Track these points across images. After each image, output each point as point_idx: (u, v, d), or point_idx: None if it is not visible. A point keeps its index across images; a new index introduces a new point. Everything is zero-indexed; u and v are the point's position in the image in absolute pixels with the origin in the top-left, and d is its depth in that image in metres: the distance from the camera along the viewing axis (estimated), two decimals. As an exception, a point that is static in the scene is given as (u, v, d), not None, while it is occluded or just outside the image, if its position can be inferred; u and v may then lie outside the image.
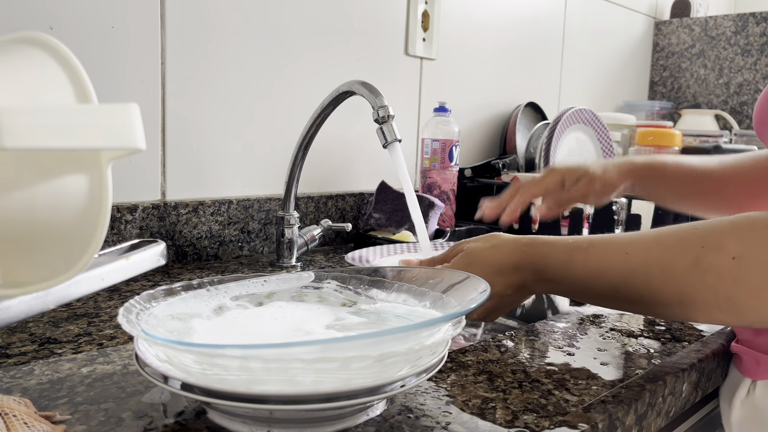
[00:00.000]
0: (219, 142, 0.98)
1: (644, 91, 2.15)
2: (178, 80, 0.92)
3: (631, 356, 0.60)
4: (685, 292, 0.48)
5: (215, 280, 0.54)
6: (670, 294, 0.49)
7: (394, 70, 1.25)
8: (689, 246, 0.48)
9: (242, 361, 0.38)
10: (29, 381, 0.48)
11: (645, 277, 0.50)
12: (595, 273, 0.54)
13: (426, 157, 1.23)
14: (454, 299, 0.49)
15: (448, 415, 0.45)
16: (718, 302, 0.47)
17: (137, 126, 0.34)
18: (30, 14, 0.78)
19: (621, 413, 0.48)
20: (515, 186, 0.81)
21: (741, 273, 0.45)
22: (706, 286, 0.47)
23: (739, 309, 0.46)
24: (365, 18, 1.18)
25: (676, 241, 0.49)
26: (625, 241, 0.53)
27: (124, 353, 0.55)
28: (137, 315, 0.44)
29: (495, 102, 1.53)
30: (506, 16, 1.52)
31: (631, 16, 2.01)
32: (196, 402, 0.45)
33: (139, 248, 0.62)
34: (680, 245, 0.49)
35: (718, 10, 2.42)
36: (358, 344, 0.40)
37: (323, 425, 0.42)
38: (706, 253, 0.47)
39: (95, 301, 0.71)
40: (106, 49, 0.85)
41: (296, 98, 1.07)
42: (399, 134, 0.80)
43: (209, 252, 0.96)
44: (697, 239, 0.48)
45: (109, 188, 0.36)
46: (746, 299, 0.45)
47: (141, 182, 0.90)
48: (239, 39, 0.99)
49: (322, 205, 1.12)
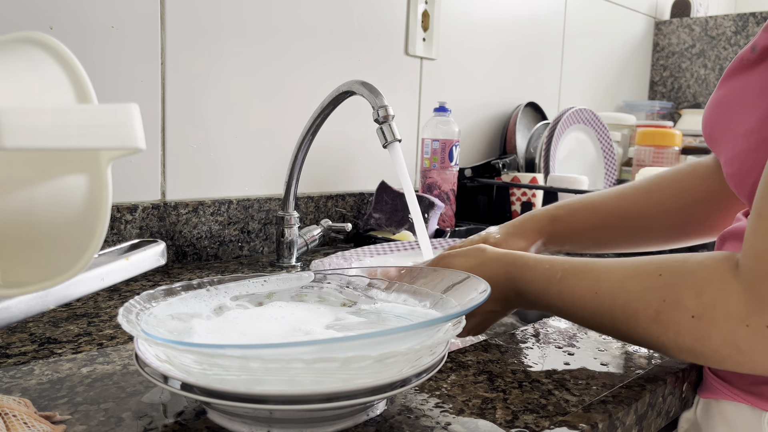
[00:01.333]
0: (219, 142, 0.98)
1: (644, 91, 2.14)
2: (178, 80, 0.92)
3: (631, 356, 0.60)
4: (651, 341, 0.49)
5: (215, 280, 0.54)
6: (638, 338, 0.50)
7: (394, 70, 1.25)
8: (651, 298, 0.48)
9: (242, 361, 0.38)
10: (29, 381, 0.48)
11: (612, 320, 0.51)
12: (568, 306, 0.55)
13: (426, 157, 1.23)
14: (454, 299, 0.49)
15: (448, 415, 0.45)
16: (682, 352, 0.48)
17: (137, 126, 0.34)
18: (30, 14, 0.78)
19: (621, 413, 0.48)
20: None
21: (700, 332, 0.45)
22: (668, 339, 0.48)
23: (704, 359, 0.47)
24: (365, 18, 1.18)
25: (640, 290, 0.49)
26: (595, 279, 0.53)
27: (124, 353, 0.55)
28: (137, 315, 0.44)
29: (495, 102, 1.53)
30: (506, 16, 1.52)
31: (631, 16, 2.01)
32: (196, 402, 0.45)
33: (139, 248, 0.62)
34: (643, 295, 0.49)
35: (718, 10, 2.42)
36: (358, 344, 0.40)
37: (323, 425, 0.42)
38: (666, 309, 0.47)
39: (95, 301, 0.71)
40: (106, 49, 0.85)
41: (296, 98, 1.07)
42: (399, 134, 0.80)
43: (209, 252, 0.96)
44: (659, 291, 0.48)
45: (109, 188, 0.35)
46: (709, 354, 0.46)
47: (141, 182, 0.90)
48: (239, 39, 0.99)
49: (322, 205, 1.12)
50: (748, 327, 0.43)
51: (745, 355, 0.44)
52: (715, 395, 0.57)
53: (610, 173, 1.59)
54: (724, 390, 0.57)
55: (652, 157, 1.62)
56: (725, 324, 0.44)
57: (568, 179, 1.31)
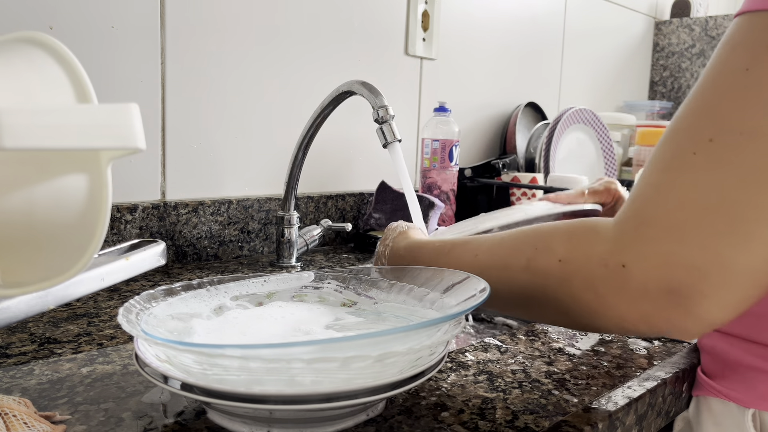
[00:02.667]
0: (219, 142, 0.98)
1: (644, 91, 2.14)
2: (178, 80, 0.92)
3: (631, 356, 0.60)
4: (521, 294, 0.49)
5: (215, 280, 0.54)
6: (510, 296, 0.50)
7: (394, 70, 1.25)
8: (524, 248, 0.49)
9: (242, 361, 0.38)
10: (29, 381, 0.48)
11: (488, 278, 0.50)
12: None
13: (426, 157, 1.23)
14: (454, 299, 0.49)
15: (448, 415, 0.45)
16: (548, 303, 0.47)
17: (137, 126, 0.34)
18: (30, 14, 0.78)
19: (621, 413, 0.48)
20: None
21: (564, 275, 0.45)
22: (535, 287, 0.47)
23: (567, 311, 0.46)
24: (365, 18, 1.18)
25: (514, 244, 0.50)
26: (477, 244, 0.55)
27: (124, 353, 0.55)
28: (137, 315, 0.44)
29: (495, 102, 1.53)
30: (506, 16, 1.52)
31: (631, 16, 2.01)
32: (196, 402, 0.45)
33: (139, 248, 0.62)
34: (517, 247, 0.50)
35: (718, 10, 2.42)
36: (358, 344, 0.40)
37: (323, 425, 0.42)
38: (536, 255, 0.47)
39: (95, 301, 0.71)
40: (106, 49, 0.85)
41: (296, 98, 1.07)
42: (399, 134, 0.80)
43: (209, 252, 0.96)
44: (533, 240, 0.49)
45: (109, 188, 0.35)
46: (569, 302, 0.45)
47: (141, 182, 0.90)
48: (239, 39, 0.99)
49: (322, 205, 1.12)
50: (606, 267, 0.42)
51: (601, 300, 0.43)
52: (704, 392, 0.58)
53: (610, 173, 1.59)
54: (711, 387, 0.57)
55: (652, 157, 1.62)
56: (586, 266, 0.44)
57: (568, 179, 1.31)
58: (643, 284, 0.41)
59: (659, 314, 0.41)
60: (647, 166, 0.44)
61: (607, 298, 0.43)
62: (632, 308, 0.42)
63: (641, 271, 0.41)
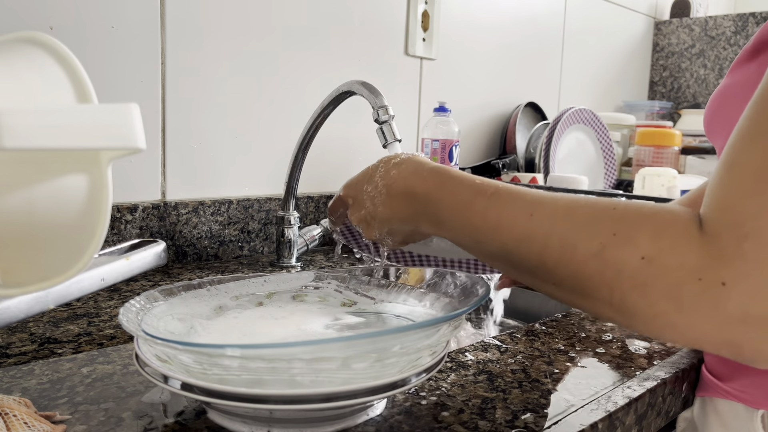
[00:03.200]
0: (219, 142, 0.98)
1: (644, 91, 2.15)
2: (178, 80, 0.92)
3: (631, 356, 0.60)
4: (580, 279, 0.42)
5: (215, 280, 0.54)
6: (563, 276, 0.43)
7: (394, 71, 1.25)
8: (600, 229, 0.41)
9: (242, 361, 0.38)
10: (29, 381, 0.48)
11: (542, 248, 0.43)
12: (491, 227, 0.46)
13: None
14: (454, 299, 0.49)
15: (448, 415, 0.45)
16: (612, 300, 0.41)
17: (137, 126, 0.34)
18: (30, 14, 0.78)
19: (621, 413, 0.48)
20: None
21: (644, 278, 0.39)
22: (603, 280, 0.40)
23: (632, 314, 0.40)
24: (365, 18, 1.18)
25: (588, 220, 0.42)
26: (534, 200, 0.45)
27: (124, 353, 0.55)
28: (137, 315, 0.44)
29: (495, 102, 1.53)
30: (506, 16, 1.52)
31: (631, 16, 2.01)
32: (196, 402, 0.45)
33: (139, 248, 0.62)
34: (590, 225, 0.42)
35: (718, 10, 2.42)
36: (358, 344, 0.40)
37: (323, 425, 0.42)
38: (614, 243, 0.40)
39: (95, 301, 0.71)
40: (106, 49, 0.85)
41: (296, 98, 1.07)
42: (399, 134, 0.80)
43: (209, 252, 0.96)
44: (610, 223, 0.41)
45: (109, 188, 0.35)
46: (642, 308, 0.39)
47: (141, 182, 0.90)
48: (239, 39, 0.99)
49: (322, 205, 1.12)
50: (700, 281, 0.37)
51: (684, 314, 0.37)
52: (710, 393, 0.58)
53: (609, 173, 1.59)
54: (718, 388, 0.57)
55: (652, 157, 1.62)
56: (676, 273, 0.37)
57: (568, 179, 1.31)
58: (743, 308, 0.36)
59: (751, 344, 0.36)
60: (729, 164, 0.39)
61: (692, 314, 0.37)
62: (721, 331, 0.37)
63: (742, 294, 0.36)
